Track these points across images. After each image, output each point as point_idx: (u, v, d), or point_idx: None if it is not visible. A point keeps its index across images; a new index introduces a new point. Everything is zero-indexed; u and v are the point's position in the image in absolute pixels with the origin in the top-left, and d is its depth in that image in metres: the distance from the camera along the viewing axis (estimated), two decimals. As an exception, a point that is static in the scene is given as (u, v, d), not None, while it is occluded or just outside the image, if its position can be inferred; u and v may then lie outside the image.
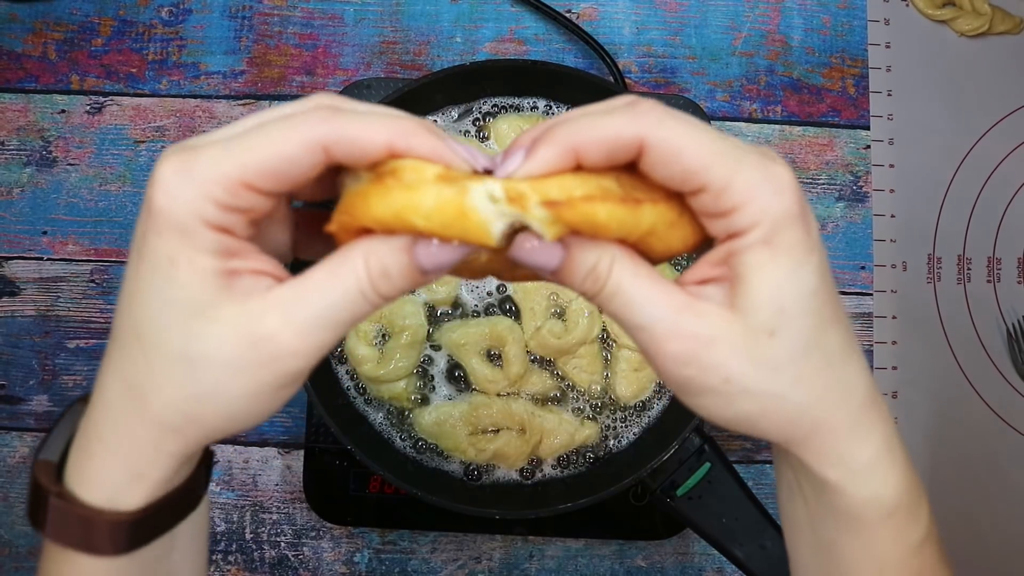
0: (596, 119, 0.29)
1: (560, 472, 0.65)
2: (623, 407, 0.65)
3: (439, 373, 0.65)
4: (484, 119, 0.67)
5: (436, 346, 0.65)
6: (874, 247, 0.72)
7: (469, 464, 0.64)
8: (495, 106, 0.67)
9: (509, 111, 0.67)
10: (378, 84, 0.71)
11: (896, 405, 0.70)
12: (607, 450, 0.65)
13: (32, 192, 0.72)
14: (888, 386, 0.71)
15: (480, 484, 0.64)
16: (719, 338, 0.29)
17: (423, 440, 0.64)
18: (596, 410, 0.65)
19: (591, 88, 0.64)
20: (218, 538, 0.68)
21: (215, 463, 0.69)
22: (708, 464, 0.60)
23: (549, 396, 0.65)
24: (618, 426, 0.65)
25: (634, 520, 0.67)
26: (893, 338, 0.71)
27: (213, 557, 0.68)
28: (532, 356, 0.65)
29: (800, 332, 0.29)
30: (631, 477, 0.60)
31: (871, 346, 0.71)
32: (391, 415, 0.65)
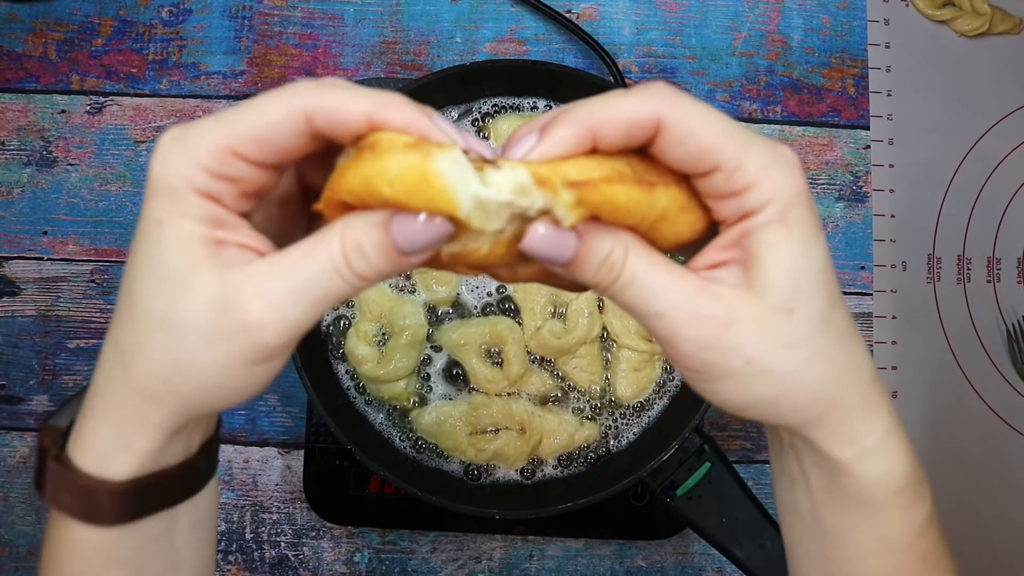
0: (613, 99, 0.28)
1: (560, 472, 0.65)
2: (623, 407, 0.65)
3: (439, 373, 0.65)
4: (484, 119, 0.67)
5: (436, 346, 0.65)
6: (874, 247, 0.72)
7: (469, 464, 0.64)
8: (495, 106, 0.67)
9: (509, 111, 0.67)
10: (378, 84, 0.71)
11: (896, 405, 0.70)
12: (607, 450, 0.65)
13: (32, 192, 0.72)
14: (888, 386, 0.71)
15: (480, 484, 0.64)
16: (739, 319, 0.29)
17: (423, 440, 0.65)
18: (596, 410, 0.65)
19: (591, 88, 0.64)
20: (218, 538, 0.68)
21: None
22: (708, 464, 0.60)
23: (549, 396, 0.65)
24: (618, 426, 0.65)
25: (634, 520, 0.67)
26: (893, 338, 0.71)
27: (213, 557, 0.68)
28: (532, 356, 0.65)
29: (815, 310, 0.29)
30: (631, 477, 0.60)
31: (871, 346, 0.71)
32: (391, 415, 0.65)
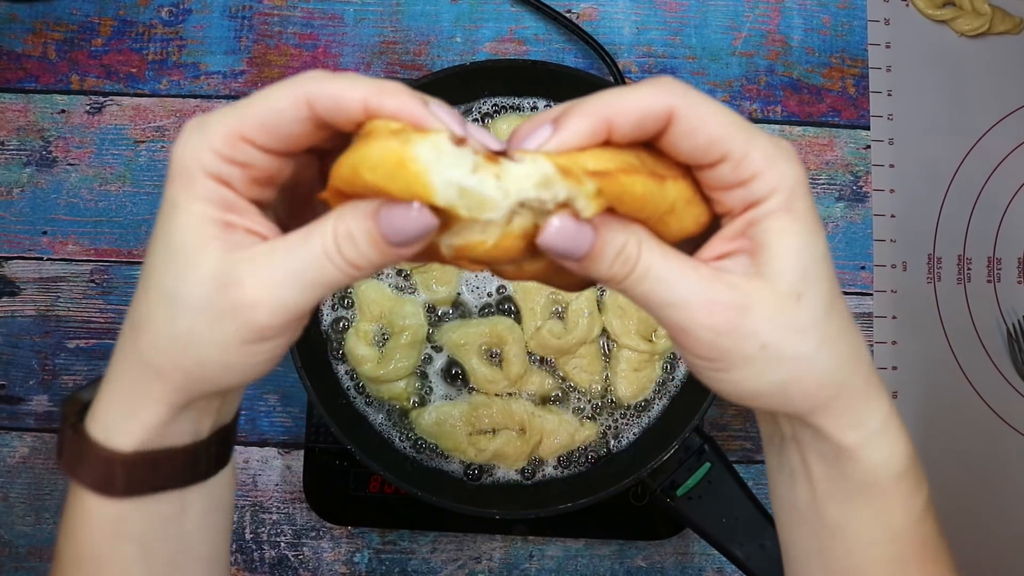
0: (625, 91, 0.29)
1: (560, 472, 0.65)
2: (623, 407, 0.65)
3: (439, 373, 0.65)
4: (484, 119, 0.67)
5: (436, 346, 0.65)
6: (874, 247, 0.72)
7: (469, 464, 0.64)
8: (495, 106, 0.67)
9: (509, 111, 0.67)
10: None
11: (896, 405, 0.70)
12: (607, 450, 0.65)
13: (32, 192, 0.72)
14: (888, 386, 0.71)
15: (480, 484, 0.64)
16: (753, 305, 0.29)
17: (423, 440, 0.64)
18: (596, 410, 0.65)
19: (591, 88, 0.64)
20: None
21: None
22: (708, 464, 0.60)
23: (549, 396, 0.65)
24: (618, 426, 0.65)
25: (634, 520, 0.67)
26: (893, 338, 0.71)
27: (213, 557, 0.68)
28: (532, 356, 0.65)
29: (822, 295, 0.30)
30: (631, 477, 0.60)
31: (871, 346, 0.71)
32: (391, 415, 0.65)
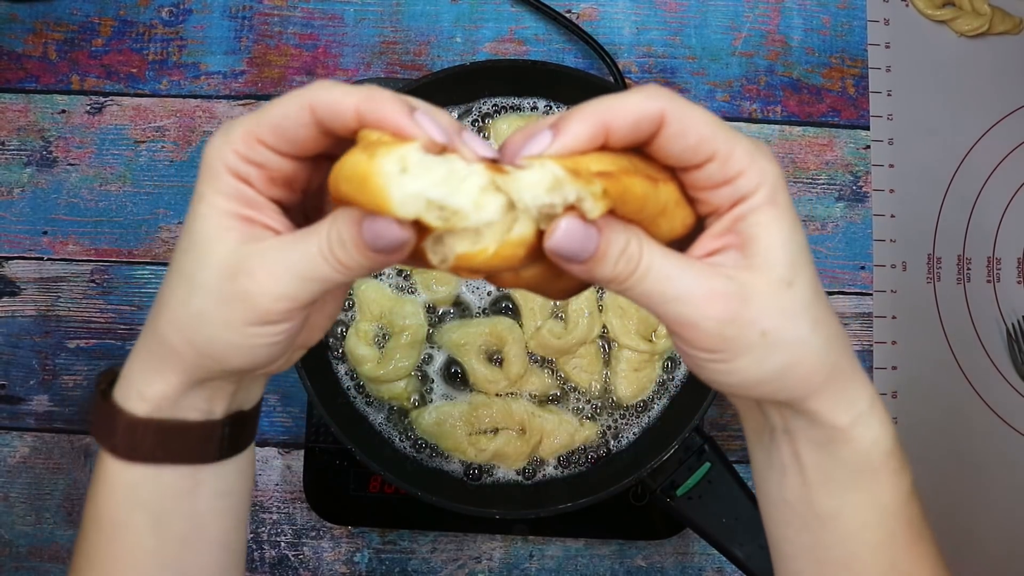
0: (619, 97, 0.30)
1: (560, 472, 0.65)
2: (623, 407, 0.65)
3: (439, 373, 0.65)
4: (484, 119, 0.67)
5: (436, 346, 0.65)
6: (874, 247, 0.72)
7: (469, 464, 0.64)
8: (495, 106, 0.68)
9: (509, 111, 0.68)
10: (378, 84, 0.71)
11: (896, 405, 0.70)
12: (607, 450, 0.65)
13: (32, 192, 0.72)
14: (888, 386, 0.71)
15: (480, 484, 0.64)
16: (751, 294, 0.31)
17: (423, 440, 0.65)
18: (596, 410, 0.65)
19: (591, 88, 0.64)
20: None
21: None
22: (708, 464, 0.60)
23: (549, 396, 0.65)
24: (618, 426, 0.65)
25: (634, 520, 0.67)
26: (893, 338, 0.71)
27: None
28: (532, 356, 0.65)
29: (809, 281, 0.32)
30: (631, 477, 0.60)
31: (871, 346, 0.71)
32: (391, 415, 0.65)
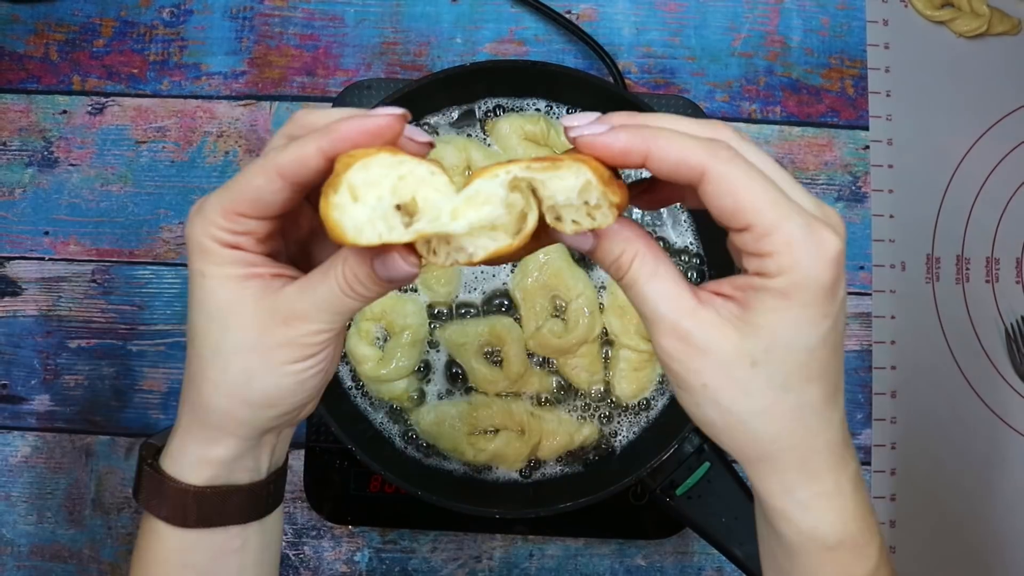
0: (676, 136, 0.32)
1: (560, 471, 0.65)
2: (623, 407, 0.65)
3: (439, 373, 0.65)
4: (484, 120, 0.67)
5: (436, 346, 0.65)
6: (873, 247, 0.72)
7: (469, 464, 0.65)
8: (496, 107, 0.68)
9: (510, 112, 0.68)
10: (378, 85, 0.71)
11: (895, 405, 0.71)
12: (607, 450, 0.65)
13: (34, 192, 0.72)
14: (887, 386, 0.71)
15: (480, 484, 0.64)
16: (709, 349, 0.32)
17: (423, 440, 0.65)
18: (596, 410, 0.66)
19: (591, 89, 0.65)
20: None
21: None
22: (707, 463, 0.60)
23: (549, 396, 0.65)
24: (618, 426, 0.65)
25: (634, 520, 0.67)
26: (892, 338, 0.71)
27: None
28: (532, 356, 0.66)
29: (779, 375, 0.32)
30: (631, 477, 0.60)
31: (870, 346, 0.71)
32: (391, 415, 0.65)
